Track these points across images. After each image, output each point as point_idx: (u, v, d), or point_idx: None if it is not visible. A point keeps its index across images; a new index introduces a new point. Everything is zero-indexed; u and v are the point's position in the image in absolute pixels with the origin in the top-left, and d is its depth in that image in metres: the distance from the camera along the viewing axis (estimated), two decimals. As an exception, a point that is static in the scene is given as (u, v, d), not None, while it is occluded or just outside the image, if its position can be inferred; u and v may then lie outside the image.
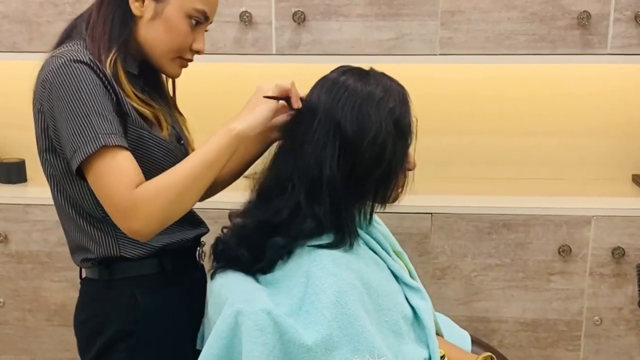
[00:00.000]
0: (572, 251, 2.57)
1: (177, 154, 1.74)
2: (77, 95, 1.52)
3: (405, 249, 1.88)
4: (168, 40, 1.68)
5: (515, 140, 3.00)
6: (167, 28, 1.66)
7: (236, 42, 2.59)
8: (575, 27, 2.50)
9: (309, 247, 1.55)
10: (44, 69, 1.60)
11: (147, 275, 1.74)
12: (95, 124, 1.51)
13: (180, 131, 1.84)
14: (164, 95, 1.87)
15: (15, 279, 2.76)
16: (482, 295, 2.64)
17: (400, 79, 1.65)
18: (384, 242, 1.73)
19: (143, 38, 1.68)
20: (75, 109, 1.52)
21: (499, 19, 2.51)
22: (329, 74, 1.63)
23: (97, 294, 1.76)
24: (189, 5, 1.66)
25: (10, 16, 2.65)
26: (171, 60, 1.72)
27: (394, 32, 2.54)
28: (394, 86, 1.61)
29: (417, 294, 1.72)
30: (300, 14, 2.53)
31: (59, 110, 1.54)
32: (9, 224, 2.71)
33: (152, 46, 1.69)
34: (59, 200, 1.72)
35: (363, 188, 1.58)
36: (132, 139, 1.62)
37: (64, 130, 1.54)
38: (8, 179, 2.93)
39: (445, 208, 2.61)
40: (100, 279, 1.73)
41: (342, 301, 1.47)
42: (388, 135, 1.55)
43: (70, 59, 1.55)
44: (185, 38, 1.69)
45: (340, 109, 1.54)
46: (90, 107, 1.52)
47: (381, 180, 1.59)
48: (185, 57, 1.73)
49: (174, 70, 1.75)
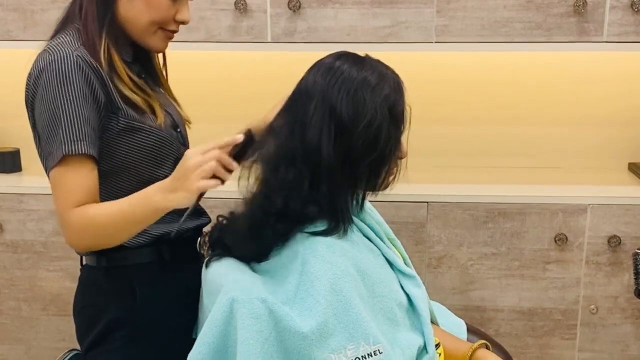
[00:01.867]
0: (569, 240, 2.57)
1: (172, 142, 1.74)
2: (54, 99, 1.54)
3: (401, 238, 1.87)
4: (149, 16, 1.67)
5: (511, 129, 2.99)
6: (147, 4, 1.66)
7: (231, 30, 2.58)
8: (571, 14, 2.49)
9: (304, 234, 1.55)
10: (34, 62, 1.61)
11: (145, 263, 1.75)
12: (64, 131, 1.54)
13: (177, 118, 1.84)
14: (159, 83, 1.88)
15: (11, 269, 2.76)
16: (478, 285, 2.64)
17: (396, 67, 1.65)
18: (379, 229, 1.73)
19: (124, 17, 1.67)
20: (50, 113, 1.55)
21: (495, 7, 2.50)
22: (324, 58, 1.62)
23: (96, 281, 1.78)
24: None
25: (4, 4, 2.63)
26: (154, 34, 1.71)
27: (390, 20, 2.53)
28: (389, 73, 1.60)
29: (412, 282, 1.72)
30: (295, 1, 2.52)
31: (38, 107, 1.58)
32: (4, 214, 2.70)
33: (134, 23, 1.68)
34: None
35: (356, 174, 1.58)
36: (125, 132, 1.63)
37: (40, 129, 1.59)
38: (3, 168, 2.92)
39: (441, 197, 2.60)
40: (99, 267, 1.75)
41: (337, 288, 1.47)
42: (383, 121, 1.54)
43: (59, 57, 1.56)
44: (167, 12, 1.68)
45: (336, 93, 1.53)
46: (63, 112, 1.54)
47: (374, 167, 1.59)
48: (169, 28, 1.72)
49: (158, 43, 1.74)
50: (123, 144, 1.65)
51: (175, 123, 1.81)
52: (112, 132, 1.63)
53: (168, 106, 1.82)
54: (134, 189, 1.63)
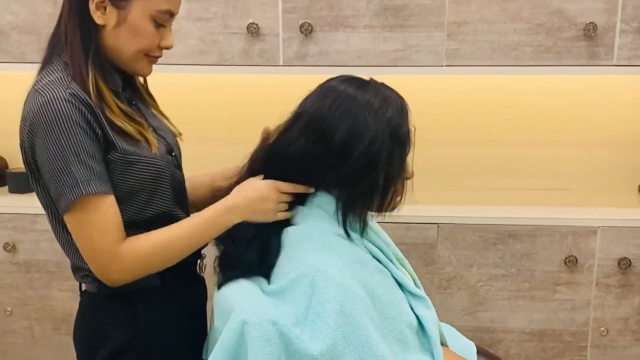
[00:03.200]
0: (578, 262, 2.57)
1: (166, 169, 1.74)
2: (57, 140, 1.52)
3: (411, 259, 1.88)
4: (136, 44, 1.66)
5: (521, 151, 3.00)
6: (132, 33, 1.64)
7: (243, 54, 2.60)
8: (581, 38, 2.51)
9: (314, 249, 1.58)
10: (26, 103, 1.60)
11: (147, 288, 1.73)
12: (75, 171, 1.53)
13: (171, 140, 1.84)
14: (149, 104, 1.87)
15: (23, 288, 2.77)
16: (488, 306, 2.65)
17: (407, 90, 1.66)
18: (387, 250, 1.74)
19: (110, 45, 1.66)
20: (55, 155, 1.53)
21: (505, 31, 2.52)
22: (329, 80, 1.66)
23: (98, 307, 1.76)
24: (153, 8, 1.64)
25: (18, 27, 2.67)
26: (140, 60, 1.70)
27: (400, 43, 2.56)
28: (392, 96, 1.63)
29: (422, 303, 1.72)
30: (307, 25, 2.55)
31: (40, 153, 1.56)
32: (17, 234, 2.72)
33: (120, 52, 1.67)
34: (56, 227, 1.71)
35: (359, 195, 1.60)
36: (121, 167, 1.63)
37: (46, 174, 1.56)
38: (16, 188, 2.94)
39: (451, 218, 2.61)
40: (101, 292, 1.72)
41: (346, 310, 1.48)
42: (383, 143, 1.57)
43: (51, 97, 1.54)
44: (152, 39, 1.67)
45: (338, 115, 1.57)
46: (69, 153, 1.53)
47: (377, 188, 1.61)
48: (153, 54, 1.71)
49: (144, 69, 1.74)
50: (120, 176, 1.64)
51: (169, 147, 1.81)
52: (109, 166, 1.61)
53: (160, 129, 1.82)
54: (131, 216, 1.66)
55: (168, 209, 1.74)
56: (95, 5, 1.61)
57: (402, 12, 2.53)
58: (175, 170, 1.80)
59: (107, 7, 1.61)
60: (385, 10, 2.54)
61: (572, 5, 2.49)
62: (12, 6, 2.65)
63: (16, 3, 2.65)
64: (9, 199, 2.88)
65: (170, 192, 1.75)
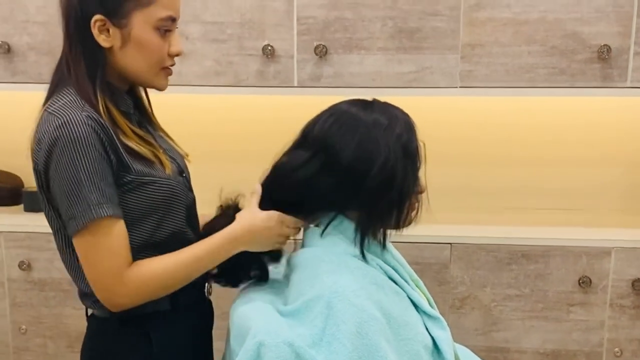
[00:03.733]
0: (592, 282, 2.57)
1: (180, 190, 1.74)
2: (72, 162, 1.52)
3: (424, 278, 1.88)
4: (147, 58, 1.66)
5: (534, 171, 3.01)
6: (140, 48, 1.64)
7: (259, 75, 2.63)
8: (595, 60, 2.52)
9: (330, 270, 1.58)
10: (40, 126, 1.59)
11: (159, 311, 1.73)
12: (87, 195, 1.53)
13: (180, 162, 1.84)
14: (156, 126, 1.87)
15: (38, 306, 2.79)
16: (502, 326, 2.65)
17: (421, 111, 1.68)
18: (402, 270, 1.74)
19: (122, 66, 1.66)
20: (69, 177, 1.53)
21: (519, 53, 2.54)
22: (336, 104, 1.68)
23: (108, 331, 1.75)
24: (153, 18, 1.63)
25: (36, 48, 2.69)
26: (156, 75, 1.70)
27: (414, 65, 2.57)
28: (398, 113, 1.66)
29: (437, 324, 1.72)
30: (322, 47, 2.57)
31: (54, 174, 1.55)
32: (32, 252, 2.74)
33: (134, 69, 1.67)
34: (66, 252, 1.70)
35: (378, 213, 1.62)
36: (135, 188, 1.63)
37: (58, 195, 1.56)
38: (31, 207, 2.96)
39: (464, 238, 2.62)
40: (112, 317, 1.70)
41: (362, 332, 1.48)
42: (397, 160, 1.59)
43: (67, 120, 1.53)
44: (160, 50, 1.66)
45: (349, 137, 1.59)
46: (84, 175, 1.52)
47: (395, 204, 1.62)
48: (167, 65, 1.71)
49: (162, 82, 1.73)
50: (134, 198, 1.64)
51: (180, 168, 1.81)
52: (123, 188, 1.61)
53: (170, 151, 1.82)
54: (145, 237, 1.67)
55: (180, 229, 1.74)
56: (97, 29, 1.61)
57: (416, 34, 2.55)
58: (188, 193, 1.81)
59: (109, 29, 1.61)
60: (399, 32, 2.56)
61: (586, 28, 2.50)
62: (30, 28, 2.68)
63: (34, 25, 2.68)
64: (24, 218, 2.90)
65: (183, 212, 1.75)
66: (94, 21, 1.60)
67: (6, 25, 2.69)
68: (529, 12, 2.51)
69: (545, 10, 2.51)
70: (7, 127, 3.09)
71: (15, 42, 2.70)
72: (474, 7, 2.53)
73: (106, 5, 1.60)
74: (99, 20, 1.60)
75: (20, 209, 3.02)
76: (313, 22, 2.58)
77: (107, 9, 1.60)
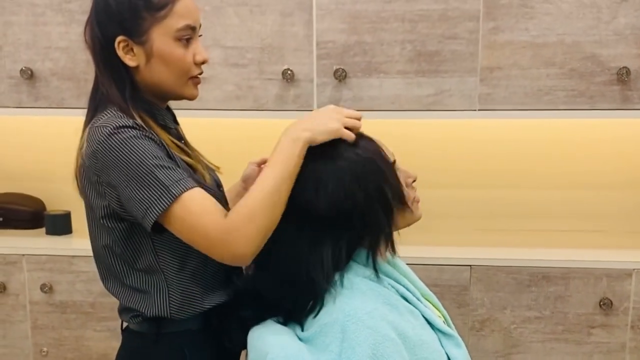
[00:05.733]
0: (613, 304, 2.56)
1: (221, 201, 1.72)
2: (132, 157, 1.53)
3: (444, 300, 1.88)
4: (172, 70, 1.67)
5: (554, 193, 3.00)
6: (165, 62, 1.65)
7: (278, 99, 2.65)
8: (614, 82, 2.52)
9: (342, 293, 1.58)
10: (90, 142, 1.59)
11: (194, 330, 1.74)
12: (161, 177, 1.53)
13: (215, 176, 1.85)
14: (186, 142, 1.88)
15: (59, 329, 2.80)
16: (522, 348, 2.64)
17: (440, 134, 1.68)
18: (414, 288, 1.73)
19: (150, 82, 1.68)
20: (135, 171, 1.53)
21: (538, 76, 2.54)
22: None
23: (144, 347, 1.76)
24: (171, 29, 1.64)
25: (58, 73, 2.72)
26: (185, 85, 1.71)
27: (433, 88, 2.58)
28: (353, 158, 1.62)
29: (452, 341, 1.71)
30: (341, 71, 2.58)
31: (118, 177, 1.55)
32: (54, 275, 2.76)
33: (162, 83, 1.68)
34: (116, 266, 1.71)
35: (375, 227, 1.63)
36: None
37: (127, 194, 1.55)
38: (54, 230, 2.99)
39: (484, 260, 2.61)
40: (149, 333, 1.73)
41: (378, 353, 1.47)
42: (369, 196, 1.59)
43: (116, 126, 1.55)
44: (185, 59, 1.67)
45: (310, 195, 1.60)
46: (148, 163, 1.53)
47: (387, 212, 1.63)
48: (194, 74, 1.72)
49: (191, 92, 1.74)
50: None
51: (218, 182, 1.84)
52: None
53: (205, 165, 1.83)
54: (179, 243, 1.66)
55: None
56: (122, 50, 1.64)
57: (435, 57, 2.56)
58: (225, 204, 1.81)
59: (133, 48, 1.64)
60: (418, 56, 2.57)
61: (605, 50, 2.51)
62: (52, 53, 2.71)
63: (56, 50, 2.71)
64: (46, 241, 2.93)
65: None
66: (118, 43, 1.63)
67: (29, 51, 2.73)
68: (547, 35, 2.52)
69: (564, 33, 2.52)
70: (29, 151, 3.14)
71: (37, 67, 2.73)
72: (492, 30, 2.54)
73: (125, 26, 1.63)
74: (122, 42, 1.63)
75: (42, 232, 3.04)
76: (332, 47, 2.60)
77: (127, 29, 1.63)
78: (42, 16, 2.69)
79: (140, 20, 1.63)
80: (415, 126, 2.85)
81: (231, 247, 1.55)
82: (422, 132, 2.88)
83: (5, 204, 3.09)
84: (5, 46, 2.74)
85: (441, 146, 2.86)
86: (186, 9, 1.67)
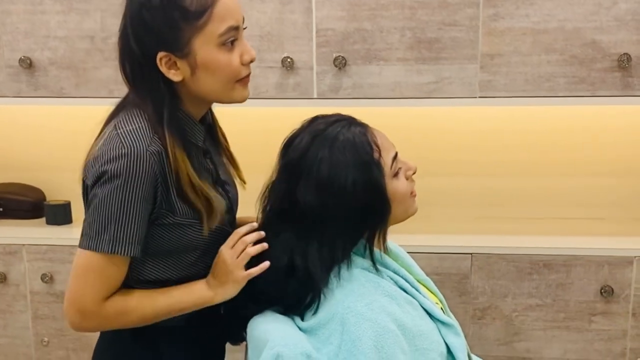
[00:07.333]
0: (614, 292, 2.56)
1: (212, 239, 1.70)
2: (118, 194, 1.51)
3: (445, 289, 1.88)
4: (219, 78, 1.59)
5: (555, 181, 3.00)
6: (209, 71, 1.57)
7: (278, 87, 2.64)
8: (615, 69, 2.51)
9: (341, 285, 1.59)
10: (104, 145, 1.56)
11: (172, 327, 1.72)
12: (117, 228, 1.52)
13: (232, 195, 1.81)
14: (221, 150, 1.85)
15: (60, 319, 2.81)
16: (523, 336, 2.64)
17: (440, 121, 1.67)
18: (412, 278, 1.72)
19: (197, 93, 1.61)
20: (109, 205, 1.51)
21: (538, 62, 2.53)
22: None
23: (120, 343, 1.74)
24: (213, 36, 1.55)
25: (57, 62, 2.72)
26: (232, 89, 1.63)
27: (433, 75, 2.57)
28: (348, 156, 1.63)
29: (451, 330, 1.71)
30: (341, 59, 2.57)
31: (98, 193, 1.53)
32: (55, 265, 2.76)
33: (210, 93, 1.62)
34: None
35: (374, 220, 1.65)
36: (176, 226, 1.62)
37: (92, 212, 1.54)
38: (54, 220, 2.99)
39: (485, 248, 2.61)
40: (125, 332, 1.70)
41: (378, 345, 1.48)
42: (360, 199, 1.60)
43: (131, 151, 1.51)
44: (231, 64, 1.59)
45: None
46: (125, 209, 1.51)
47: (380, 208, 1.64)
48: (243, 76, 1.64)
49: (241, 94, 1.67)
50: (173, 235, 1.63)
51: (229, 204, 1.77)
52: (162, 224, 1.60)
53: (228, 183, 1.79)
54: (180, 268, 1.68)
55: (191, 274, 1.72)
56: (165, 66, 1.56)
57: (435, 44, 2.55)
58: (230, 231, 1.74)
59: (176, 62, 1.56)
60: (418, 43, 2.56)
61: (605, 36, 2.50)
62: (51, 42, 2.70)
63: (55, 39, 2.70)
64: (46, 231, 2.93)
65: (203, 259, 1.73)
66: (159, 59, 1.56)
67: (27, 40, 2.72)
68: (548, 22, 2.51)
69: (565, 19, 2.51)
70: (29, 141, 3.13)
71: (36, 57, 2.72)
72: (492, 17, 2.53)
73: (165, 41, 1.55)
74: (164, 57, 1.56)
75: (42, 222, 3.04)
76: (332, 34, 2.59)
77: (167, 44, 1.55)
78: (41, 5, 2.68)
79: (179, 33, 1.54)
80: (416, 114, 2.85)
81: (84, 321, 1.60)
82: (422, 120, 2.87)
83: (5, 194, 3.09)
84: (4, 35, 2.73)
85: (442, 134, 2.85)
86: (226, 10, 1.57)
